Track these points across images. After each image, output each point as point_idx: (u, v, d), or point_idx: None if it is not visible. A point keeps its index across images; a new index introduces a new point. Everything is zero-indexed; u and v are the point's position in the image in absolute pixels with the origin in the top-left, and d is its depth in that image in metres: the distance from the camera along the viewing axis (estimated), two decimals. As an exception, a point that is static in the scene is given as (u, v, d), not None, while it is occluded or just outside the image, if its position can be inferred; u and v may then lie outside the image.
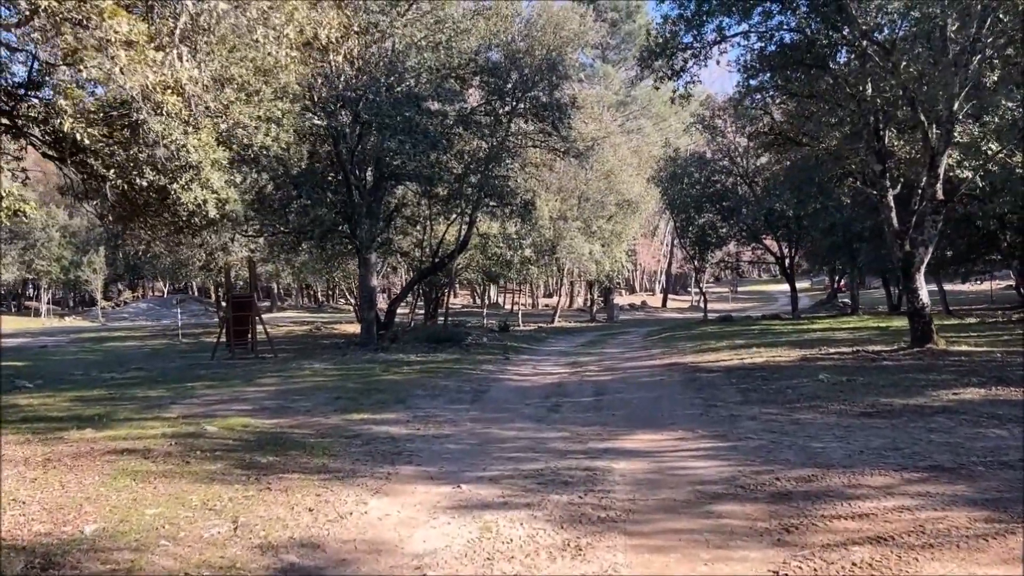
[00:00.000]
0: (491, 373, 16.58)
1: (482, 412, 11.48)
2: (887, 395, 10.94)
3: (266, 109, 8.81)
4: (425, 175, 21.10)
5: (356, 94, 18.06)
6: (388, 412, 11.48)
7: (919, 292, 15.41)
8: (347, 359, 19.87)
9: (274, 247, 30.95)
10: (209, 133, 8.12)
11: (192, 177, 7.98)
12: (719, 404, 11.17)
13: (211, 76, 7.93)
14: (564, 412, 11.25)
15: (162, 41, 7.05)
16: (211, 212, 8.58)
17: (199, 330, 39.64)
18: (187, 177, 7.99)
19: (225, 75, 8.22)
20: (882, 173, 15.56)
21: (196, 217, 8.94)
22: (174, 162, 7.77)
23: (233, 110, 8.32)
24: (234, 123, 8.46)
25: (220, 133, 8.53)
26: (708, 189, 35.34)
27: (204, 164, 7.92)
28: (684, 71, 16.63)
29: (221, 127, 8.49)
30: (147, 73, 6.58)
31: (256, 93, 8.64)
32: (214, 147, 8.12)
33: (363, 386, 14.34)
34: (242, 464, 8.10)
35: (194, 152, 7.74)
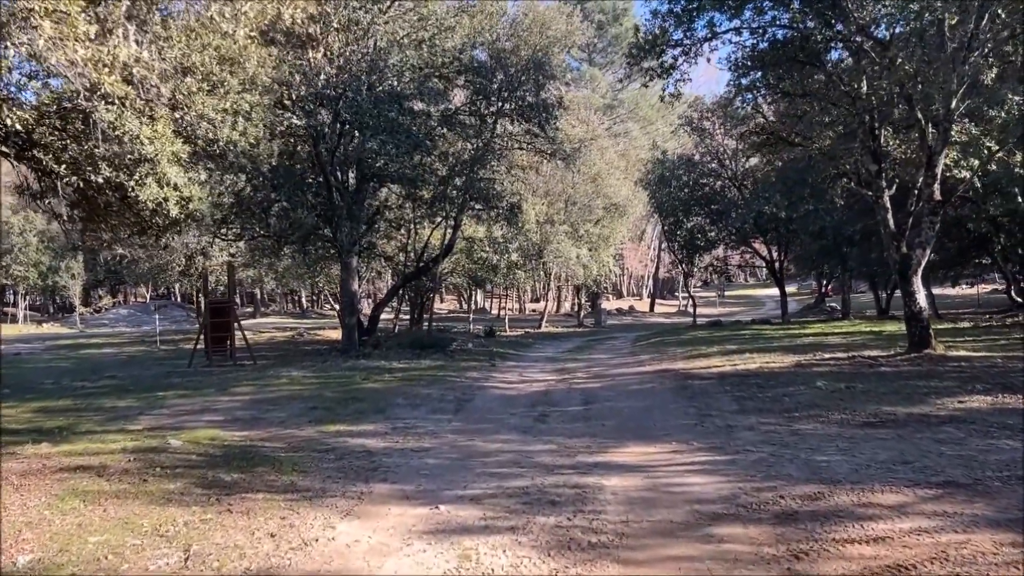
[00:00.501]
0: (476, 381, 16.00)
1: (465, 423, 10.92)
2: (889, 403, 10.45)
3: (232, 101, 8.23)
4: (408, 177, 20.50)
5: (336, 92, 17.45)
6: (365, 423, 10.90)
7: (916, 296, 14.96)
8: (327, 366, 19.23)
9: (255, 251, 30.30)
10: (166, 124, 7.52)
11: (148, 172, 7.39)
12: (714, 413, 10.65)
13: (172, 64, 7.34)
14: (551, 422, 10.70)
15: (107, 18, 6.45)
16: (173, 211, 7.97)
17: (179, 336, 38.79)
18: (142, 172, 7.39)
19: (186, 63, 7.63)
20: (878, 173, 15.13)
21: (158, 217, 8.35)
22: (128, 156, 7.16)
23: (195, 101, 7.73)
24: (197, 115, 7.87)
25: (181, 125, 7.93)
26: (696, 192, 34.92)
27: (160, 158, 7.32)
28: (674, 69, 16.15)
29: (186, 119, 7.88)
30: (76, 48, 5.97)
31: (221, 84, 8.05)
32: (171, 139, 7.52)
33: (341, 395, 13.74)
34: (203, 483, 7.51)
35: (148, 144, 7.14)
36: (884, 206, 15.21)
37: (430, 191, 23.17)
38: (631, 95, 60.44)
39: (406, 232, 28.46)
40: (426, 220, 27.80)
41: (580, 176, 41.58)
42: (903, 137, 16.81)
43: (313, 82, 17.03)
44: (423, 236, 29.32)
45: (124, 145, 7.10)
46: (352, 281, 21.08)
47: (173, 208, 7.97)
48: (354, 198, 21.05)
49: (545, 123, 22.41)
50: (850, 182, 17.35)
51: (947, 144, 14.34)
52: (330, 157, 19.46)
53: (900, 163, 17.30)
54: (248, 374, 18.46)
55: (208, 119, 8.06)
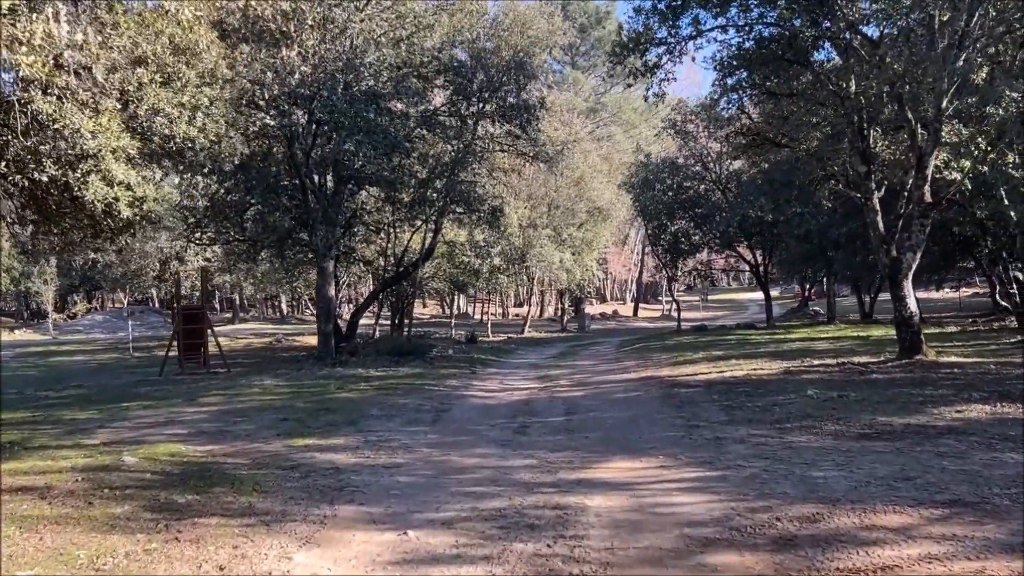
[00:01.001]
0: (455, 389, 15.46)
1: (442, 435, 10.38)
2: (884, 413, 10.02)
3: (191, 95, 7.68)
4: (386, 179, 19.94)
5: (310, 91, 16.87)
6: (336, 436, 10.33)
7: (907, 300, 14.59)
8: (302, 374, 18.64)
9: (230, 256, 29.63)
10: (112, 118, 6.95)
11: (91, 169, 6.81)
12: (702, 424, 10.18)
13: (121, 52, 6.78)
14: (532, 434, 10.19)
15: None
16: (124, 212, 7.40)
17: (154, 343, 37.93)
18: (84, 168, 6.82)
19: (137, 52, 7.08)
20: (867, 175, 14.75)
21: (110, 219, 7.77)
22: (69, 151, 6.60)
23: (148, 94, 7.17)
24: (151, 109, 7.32)
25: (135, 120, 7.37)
26: (680, 195, 34.57)
27: (105, 153, 6.76)
28: (658, 67, 15.72)
29: (139, 113, 7.31)
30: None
31: (177, 76, 7.50)
32: (117, 134, 6.95)
33: (314, 406, 13.16)
34: (154, 505, 6.93)
35: (91, 138, 6.57)
36: (873, 208, 14.84)
37: (409, 194, 22.62)
38: (614, 98, 60.15)
39: (385, 236, 27.87)
40: (406, 224, 27.26)
41: (563, 179, 41.18)
42: (892, 138, 16.48)
43: (286, 81, 16.45)
44: (403, 240, 28.76)
45: (64, 137, 6.54)
46: (328, 286, 20.48)
47: (125, 209, 7.39)
48: (330, 201, 20.47)
49: (526, 124, 21.94)
50: (838, 184, 17.00)
51: (937, 145, 13.99)
52: (305, 158, 18.87)
53: (888, 165, 16.97)
54: (220, 383, 17.84)
55: (164, 114, 7.50)
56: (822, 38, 14.53)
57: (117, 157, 6.93)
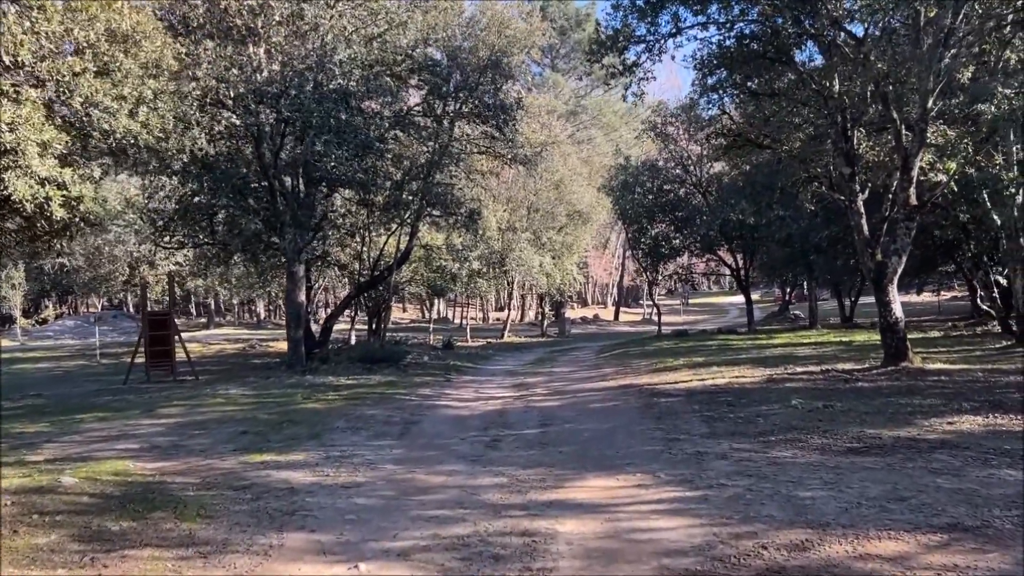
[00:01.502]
0: (427, 399, 14.89)
1: (409, 450, 9.82)
2: (873, 425, 9.57)
3: (132, 87, 7.08)
4: (359, 181, 19.34)
5: (277, 89, 16.24)
6: (297, 451, 9.74)
7: (892, 305, 14.19)
8: (270, 383, 17.98)
9: (200, 260, 28.90)
10: (34, 108, 6.35)
11: (10, 164, 6.19)
12: (682, 437, 9.68)
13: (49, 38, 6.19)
14: (504, 448, 9.65)
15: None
16: (58, 213, 6.80)
17: (124, 350, 37.02)
18: (3, 164, 6.20)
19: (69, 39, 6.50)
20: (851, 176, 14.36)
21: (43, 220, 7.14)
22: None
23: (81, 84, 6.57)
24: (86, 101, 6.71)
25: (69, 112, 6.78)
26: (661, 199, 34.18)
27: (26, 147, 6.15)
28: (637, 66, 15.26)
29: (72, 104, 6.71)
30: None
31: (117, 67, 6.90)
32: (40, 126, 6.35)
33: (277, 417, 12.55)
34: (84, 534, 6.32)
35: (8, 131, 5.96)
36: (857, 211, 14.44)
37: (384, 196, 22.03)
38: (595, 101, 59.88)
39: (360, 240, 27.25)
40: (381, 227, 26.66)
41: (543, 182, 40.79)
42: (876, 139, 16.12)
43: (252, 78, 15.81)
44: (379, 244, 28.14)
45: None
46: (298, 291, 19.83)
47: (58, 210, 6.77)
48: (301, 203, 19.83)
49: (503, 125, 21.42)
50: (821, 186, 16.61)
51: (923, 146, 13.62)
52: (273, 159, 18.23)
53: (872, 167, 16.61)
54: (184, 392, 17.17)
55: (102, 107, 6.89)
56: (805, 36, 14.13)
57: (43, 152, 6.33)
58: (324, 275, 34.44)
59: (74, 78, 6.47)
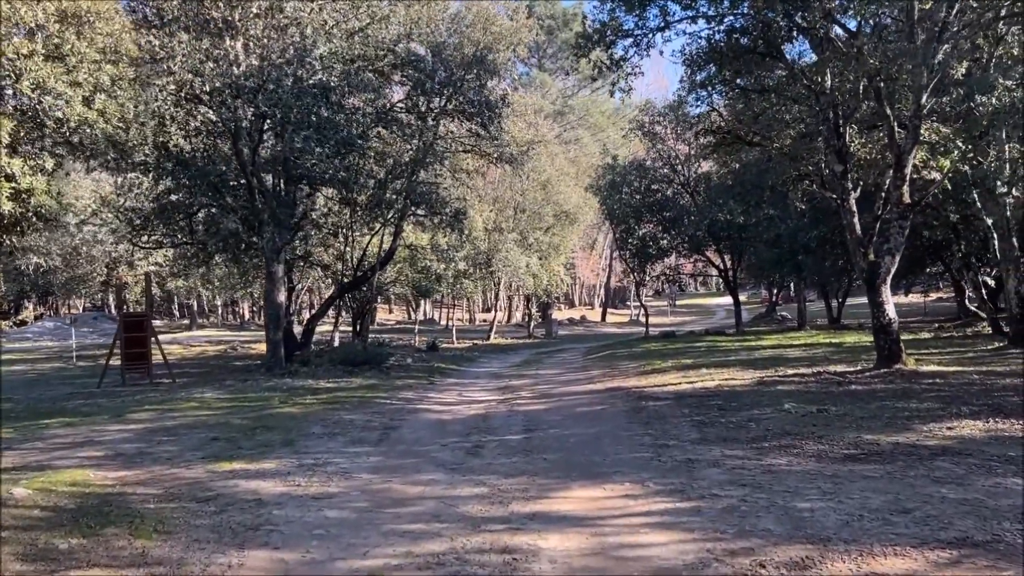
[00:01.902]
0: (408, 403, 14.43)
1: (386, 457, 9.37)
2: (870, 430, 9.20)
3: (87, 72, 6.61)
4: (340, 179, 18.86)
5: (255, 84, 15.73)
6: (268, 459, 9.27)
7: (885, 306, 13.85)
8: (247, 386, 17.47)
9: (178, 260, 28.35)
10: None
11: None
12: (672, 443, 9.28)
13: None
14: (486, 456, 9.22)
15: None
16: (5, 207, 6.33)
17: (102, 352, 36.33)
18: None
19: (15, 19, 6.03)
20: (843, 174, 14.03)
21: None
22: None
23: (29, 67, 6.10)
24: (35, 86, 6.23)
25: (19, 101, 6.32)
26: (648, 198, 33.82)
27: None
28: (625, 61, 14.88)
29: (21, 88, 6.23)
30: None
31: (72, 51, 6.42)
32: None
33: (251, 422, 12.06)
34: (28, 553, 5.85)
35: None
36: (850, 210, 14.11)
37: (367, 195, 21.55)
38: (582, 101, 59.57)
39: (343, 239, 26.73)
40: (364, 227, 26.18)
41: (529, 182, 40.41)
42: (868, 136, 15.80)
43: (228, 72, 15.31)
44: (362, 244, 27.63)
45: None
46: (277, 292, 19.31)
47: (5, 203, 6.30)
48: (280, 201, 19.33)
49: (488, 122, 20.98)
50: (812, 184, 16.28)
51: (917, 143, 13.30)
52: (251, 156, 17.72)
53: (864, 165, 16.29)
54: (158, 395, 16.63)
55: (54, 93, 6.41)
56: (796, 30, 13.79)
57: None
58: (307, 276, 33.89)
59: (23, 60, 6.02)
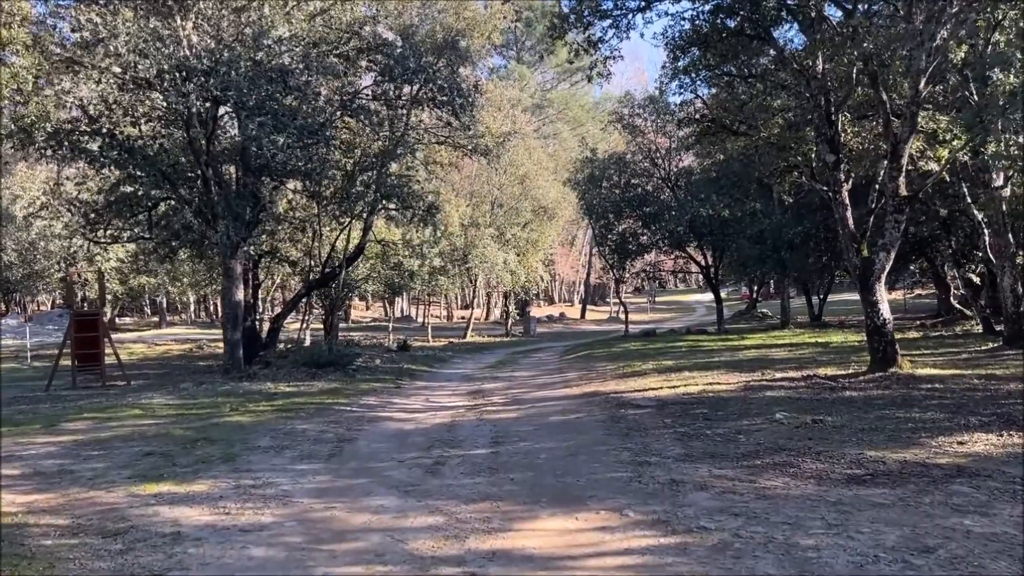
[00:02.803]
0: (370, 410, 13.40)
1: (335, 476, 8.37)
2: (873, 445, 8.30)
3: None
4: (302, 170, 17.76)
5: (205, 66, 14.58)
6: (202, 479, 8.23)
7: (879, 306, 13.01)
8: (202, 390, 16.37)
9: (138, 256, 27.14)
10: None
11: None
12: (653, 460, 8.34)
13: None
14: (446, 475, 8.24)
15: None
16: None
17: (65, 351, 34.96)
18: None
19: None
20: (835, 165, 13.16)
21: None
22: None
23: None
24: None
25: None
26: (628, 193, 32.89)
27: None
28: (603, 42, 13.93)
29: None
30: None
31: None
32: None
33: (193, 433, 11.00)
34: None
35: None
36: (842, 203, 13.25)
37: (332, 187, 20.45)
38: (561, 95, 58.66)
39: (311, 234, 25.60)
40: (333, 221, 25.08)
41: (507, 176, 39.48)
42: (860, 126, 14.97)
43: (176, 53, 14.17)
44: (332, 239, 26.51)
45: None
46: (235, 290, 18.16)
47: None
48: (239, 193, 18.20)
49: (460, 110, 19.93)
50: (800, 176, 15.44)
51: (914, 132, 12.47)
52: (206, 144, 16.58)
53: (857, 155, 15.46)
54: (105, 400, 15.52)
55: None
56: (786, 10, 12.89)
57: None
58: (276, 272, 32.71)
59: None
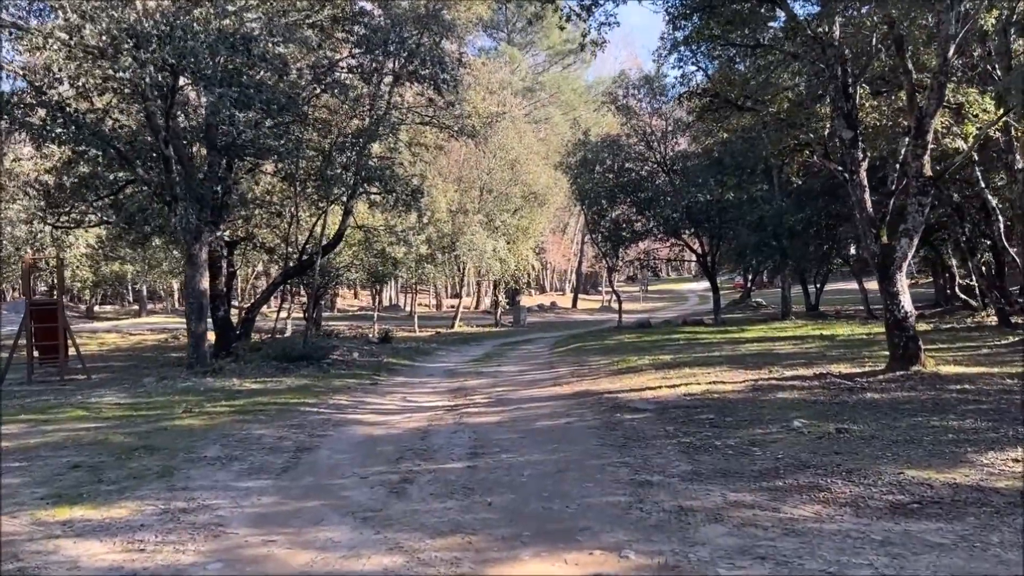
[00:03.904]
0: (340, 411, 12.15)
1: (284, 496, 7.13)
2: (911, 462, 7.09)
3: None
4: (273, 149, 16.42)
5: (159, 31, 13.20)
6: (126, 501, 6.98)
7: (901, 297, 11.81)
8: (161, 386, 15.12)
9: (108, 241, 25.81)
10: None
11: None
12: (656, 479, 7.12)
13: None
14: (413, 497, 7.00)
15: None
16: None
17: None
18: None
19: None
20: (853, 142, 11.94)
21: None
22: None
23: None
24: None
25: None
26: (622, 178, 31.61)
27: None
28: (596, 6, 12.67)
29: None
30: None
31: None
32: None
33: (135, 440, 9.74)
34: None
35: None
36: (860, 183, 12.04)
37: (306, 169, 19.14)
38: (552, 78, 57.27)
39: (290, 220, 24.27)
40: (312, 205, 23.76)
41: (496, 161, 38.20)
42: (879, 99, 13.75)
43: (126, 16, 12.81)
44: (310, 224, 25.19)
45: None
46: (200, 278, 16.83)
47: None
48: (207, 175, 16.88)
49: (443, 85, 18.59)
50: (812, 155, 14.21)
51: (941, 104, 11.26)
52: (165, 118, 15.23)
53: (872, 133, 14.24)
54: (51, 399, 14.27)
55: None
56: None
57: None
58: (256, 259, 31.39)
59: None
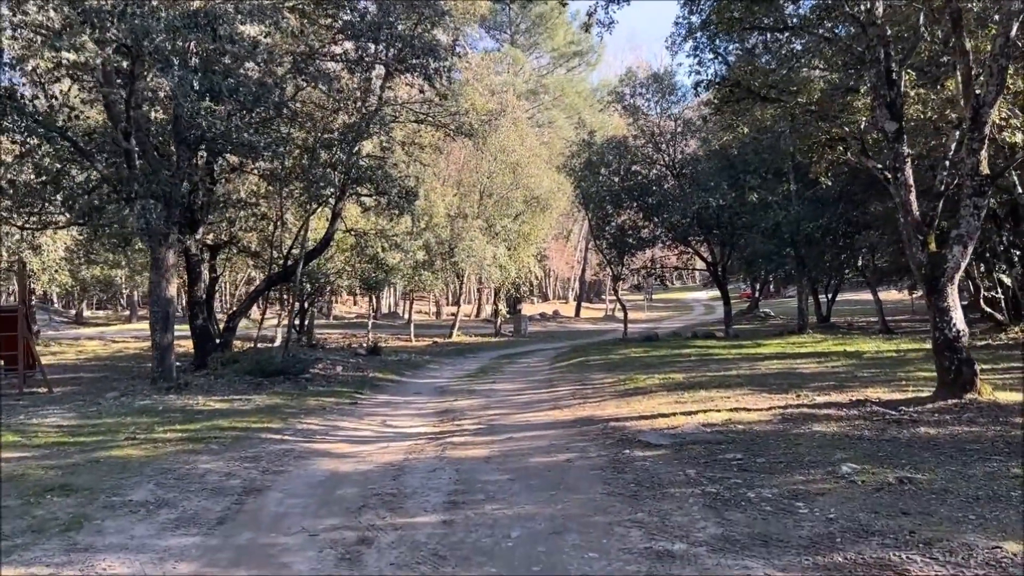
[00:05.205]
0: (307, 438, 10.63)
1: (207, 563, 5.62)
2: (1006, 530, 5.51)
3: None
4: (249, 143, 14.96)
5: (110, 6, 11.74)
6: (7, 568, 5.49)
7: (952, 313, 10.27)
8: (119, 404, 13.63)
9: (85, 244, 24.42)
10: None
11: None
12: (677, 547, 5.58)
13: None
14: (368, 566, 5.48)
15: None
16: None
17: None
18: None
19: None
20: (897, 135, 10.46)
21: None
22: None
23: None
24: None
25: None
26: (628, 181, 30.08)
27: None
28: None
29: None
30: None
31: None
32: None
33: (56, 476, 8.25)
34: None
35: None
36: (905, 183, 10.53)
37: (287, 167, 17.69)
38: (556, 80, 55.89)
39: (275, 223, 22.83)
40: (299, 208, 22.34)
41: (497, 164, 36.78)
42: (925, 90, 12.23)
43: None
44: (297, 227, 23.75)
45: None
46: (166, 284, 15.38)
47: None
48: (175, 171, 15.42)
49: (434, 74, 17.14)
50: (846, 152, 12.71)
51: (1001, 92, 9.77)
52: (126, 107, 13.79)
53: (915, 127, 12.75)
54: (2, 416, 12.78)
55: None
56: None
57: None
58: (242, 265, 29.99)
59: None
